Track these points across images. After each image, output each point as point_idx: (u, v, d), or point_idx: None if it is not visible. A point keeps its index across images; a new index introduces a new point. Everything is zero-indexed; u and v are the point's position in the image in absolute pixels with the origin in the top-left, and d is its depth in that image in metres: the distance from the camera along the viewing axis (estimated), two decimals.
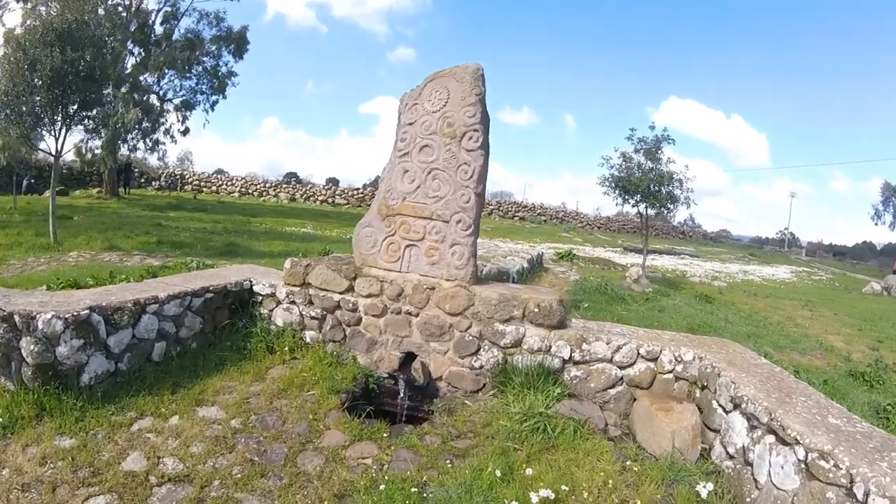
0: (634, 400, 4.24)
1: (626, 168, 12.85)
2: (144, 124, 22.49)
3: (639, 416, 4.03)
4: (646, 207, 13.32)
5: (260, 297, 5.46)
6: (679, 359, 4.14)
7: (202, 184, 36.03)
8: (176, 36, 23.85)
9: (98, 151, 21.35)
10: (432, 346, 4.70)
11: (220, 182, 36.81)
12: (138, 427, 3.63)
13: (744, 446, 3.07)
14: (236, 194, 35.83)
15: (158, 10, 23.31)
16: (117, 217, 17.84)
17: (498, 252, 14.74)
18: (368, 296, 4.87)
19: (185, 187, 34.59)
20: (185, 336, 4.81)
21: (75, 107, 11.05)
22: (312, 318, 5.14)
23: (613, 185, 13.14)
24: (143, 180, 33.13)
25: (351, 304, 4.93)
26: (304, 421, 3.97)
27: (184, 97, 24.79)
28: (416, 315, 4.74)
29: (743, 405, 3.17)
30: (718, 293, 15.31)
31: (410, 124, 4.83)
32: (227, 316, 5.27)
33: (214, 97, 25.41)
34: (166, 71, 23.79)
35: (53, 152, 11.57)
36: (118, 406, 3.82)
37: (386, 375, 4.76)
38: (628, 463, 3.47)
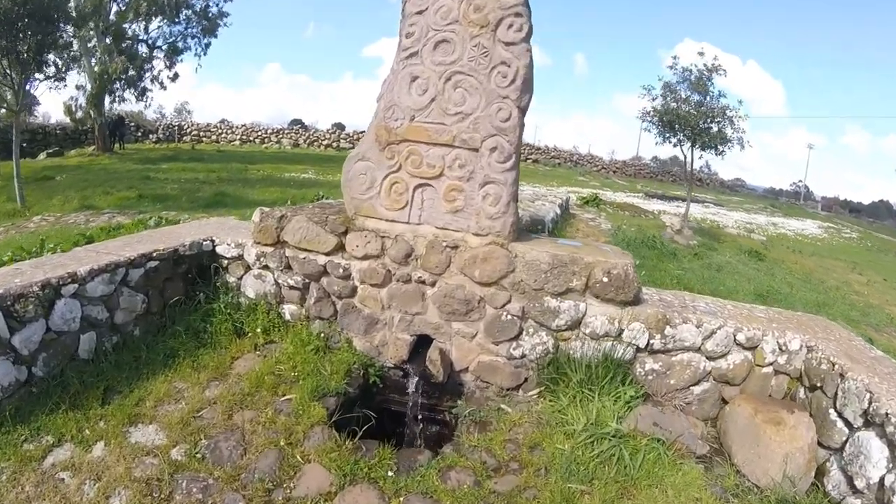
0: (723, 401, 3.18)
1: (672, 100, 10.98)
2: (130, 73, 20.74)
3: (737, 429, 2.96)
4: (691, 147, 11.53)
5: (225, 262, 4.12)
6: (783, 348, 3.11)
7: (201, 134, 34.37)
8: None
9: (83, 107, 19.77)
10: (455, 328, 3.35)
11: (220, 131, 35.11)
12: (52, 461, 2.56)
13: (883, 483, 2.33)
14: (237, 142, 34.17)
15: None
16: (104, 173, 16.52)
17: (522, 196, 13.06)
18: (365, 257, 3.49)
19: (185, 138, 32.99)
20: (123, 321, 3.52)
21: (30, 52, 9.49)
22: (292, 287, 3.80)
23: (657, 119, 11.29)
24: (139, 134, 31.64)
25: (341, 270, 3.57)
26: (273, 448, 2.71)
27: (173, 42, 22.87)
28: (432, 284, 3.37)
29: (887, 427, 2.36)
30: (763, 248, 14.07)
31: (420, 12, 3.28)
32: (181, 289, 3.96)
33: (206, 40, 23.48)
34: (153, 18, 21.82)
35: (14, 107, 10.10)
36: (32, 428, 2.71)
37: (392, 366, 3.46)
38: (730, 500, 2.57)
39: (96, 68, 19.11)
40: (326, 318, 3.72)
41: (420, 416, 3.24)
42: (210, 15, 23.27)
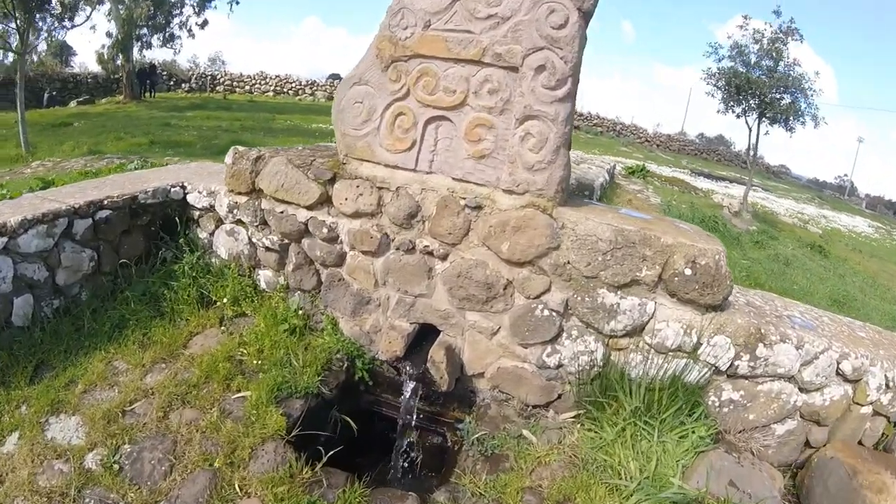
0: (806, 444, 2.45)
1: (741, 64, 9.50)
2: (158, 19, 20.02)
3: (828, 492, 2.23)
4: (758, 119, 10.06)
5: (196, 213, 3.34)
6: (890, 384, 2.40)
7: (235, 84, 33.66)
8: None
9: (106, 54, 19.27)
10: (470, 320, 2.47)
11: (254, 81, 34.28)
12: None
13: None
14: (270, 94, 33.34)
15: None
16: (126, 120, 16.06)
17: None
18: (356, 215, 2.62)
19: (217, 88, 32.49)
20: (67, 282, 2.82)
21: None
22: (268, 249, 2.99)
23: (725, 82, 9.82)
24: (172, 83, 31.23)
25: (326, 229, 2.72)
26: (206, 470, 1.99)
27: None
28: (443, 258, 2.48)
29: None
30: (824, 243, 12.79)
31: None
32: (141, 245, 3.21)
33: None
34: None
35: (19, 49, 9.50)
36: None
37: (384, 361, 2.63)
38: None
39: (123, 14, 18.47)
40: (308, 290, 2.91)
41: (415, 435, 2.42)
42: None
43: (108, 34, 20.93)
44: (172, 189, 3.37)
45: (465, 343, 2.49)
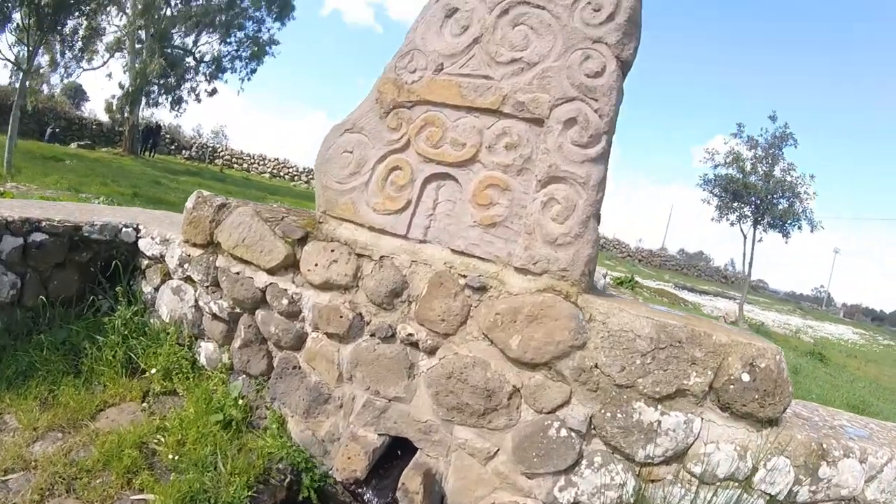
0: None
1: (737, 170, 9.64)
2: (170, 79, 20.65)
3: None
4: (753, 226, 10.02)
5: (145, 262, 2.82)
6: None
7: (234, 159, 34.40)
8: None
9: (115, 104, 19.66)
10: (459, 437, 1.86)
11: (253, 161, 35.17)
12: None
13: None
14: (267, 175, 34.09)
15: None
16: (119, 170, 15.84)
17: None
18: (326, 286, 2.10)
19: (216, 161, 33.05)
20: None
21: (49, 6, 8.80)
22: (215, 317, 2.43)
23: (722, 187, 9.87)
24: (173, 147, 31.71)
25: (287, 300, 2.17)
26: None
27: (218, 59, 22.97)
28: (430, 352, 1.93)
29: None
30: (821, 350, 12.61)
31: None
32: (75, 284, 2.74)
33: (253, 65, 23.48)
34: (204, 33, 22.03)
35: (23, 60, 9.40)
36: None
37: (339, 481, 1.97)
38: None
39: (137, 66, 19.03)
40: (255, 375, 2.30)
41: None
42: (260, 40, 23.40)
43: (121, 85, 21.48)
44: (124, 229, 2.90)
45: (451, 468, 1.86)
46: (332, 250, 2.08)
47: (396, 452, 1.97)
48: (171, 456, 2.02)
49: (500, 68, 1.89)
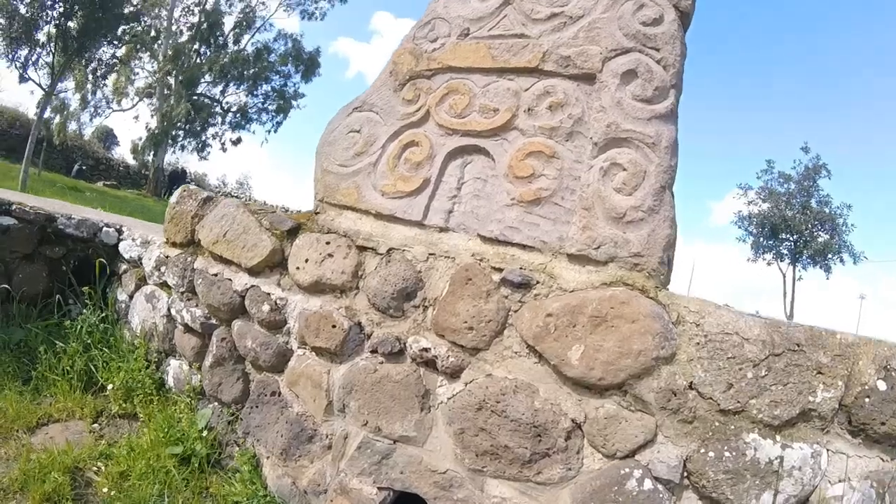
0: None
1: (774, 204, 9.18)
2: (195, 124, 21.29)
3: None
4: (791, 262, 9.40)
5: (123, 267, 2.49)
6: None
7: None
8: (246, 48, 23.01)
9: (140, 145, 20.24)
10: (494, 494, 1.35)
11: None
12: None
13: None
14: None
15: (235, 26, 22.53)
16: (138, 205, 15.97)
17: None
18: (317, 287, 1.69)
19: None
20: None
21: (76, 31, 9.02)
22: (188, 329, 2.02)
23: (759, 224, 9.33)
24: None
25: (269, 306, 1.76)
26: None
27: (244, 110, 23.72)
28: (454, 373, 1.46)
29: None
30: None
31: None
32: (42, 282, 2.50)
33: (278, 118, 24.16)
34: (232, 83, 22.90)
35: (46, 88, 9.59)
36: None
37: None
38: None
39: (164, 109, 19.66)
40: (227, 402, 1.86)
41: None
42: (286, 95, 24.16)
43: (147, 128, 22.19)
44: (105, 228, 2.61)
45: None
46: (328, 242, 1.68)
47: None
48: (106, 489, 1.63)
49: (538, 25, 1.57)
